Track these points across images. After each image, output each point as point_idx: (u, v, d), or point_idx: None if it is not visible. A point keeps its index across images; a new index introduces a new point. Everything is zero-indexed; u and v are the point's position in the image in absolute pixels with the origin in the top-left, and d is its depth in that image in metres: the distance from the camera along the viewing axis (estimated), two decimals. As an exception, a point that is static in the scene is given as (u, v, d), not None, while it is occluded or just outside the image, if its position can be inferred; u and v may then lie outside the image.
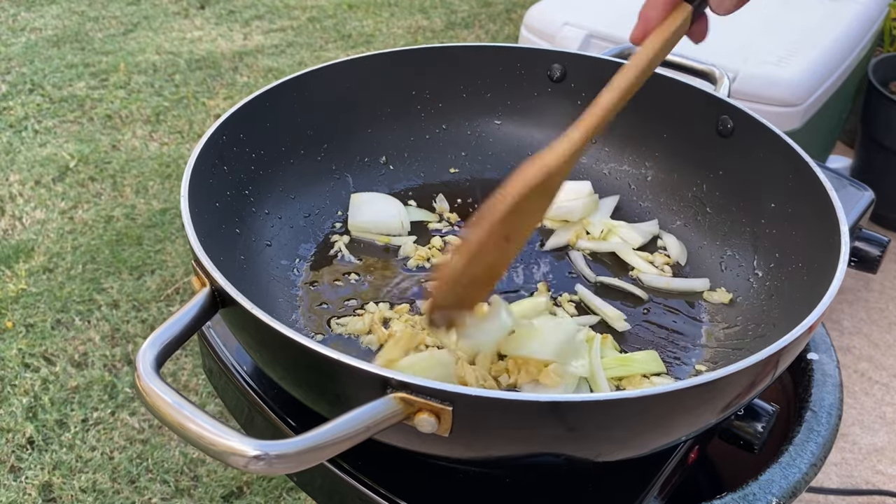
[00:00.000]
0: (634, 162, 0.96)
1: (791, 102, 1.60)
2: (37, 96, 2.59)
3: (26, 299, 1.82)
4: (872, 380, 1.82)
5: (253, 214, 0.82)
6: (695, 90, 0.89)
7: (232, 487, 1.47)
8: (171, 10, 3.19)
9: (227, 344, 0.76)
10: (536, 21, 1.82)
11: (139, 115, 2.52)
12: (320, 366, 0.53)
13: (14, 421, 1.55)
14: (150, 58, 2.83)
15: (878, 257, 0.91)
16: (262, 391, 0.71)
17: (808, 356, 0.86)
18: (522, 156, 0.99)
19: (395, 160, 0.97)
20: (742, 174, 0.85)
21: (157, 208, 2.12)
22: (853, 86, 2.02)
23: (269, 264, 0.81)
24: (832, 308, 0.94)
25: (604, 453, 0.58)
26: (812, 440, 0.77)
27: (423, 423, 0.51)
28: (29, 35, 2.95)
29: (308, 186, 0.90)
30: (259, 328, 0.55)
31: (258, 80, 2.73)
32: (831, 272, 0.64)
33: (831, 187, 0.72)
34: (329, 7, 3.29)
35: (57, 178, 2.22)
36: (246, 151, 0.83)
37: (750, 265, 0.82)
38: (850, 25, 1.84)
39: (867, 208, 0.96)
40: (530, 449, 0.56)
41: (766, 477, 0.73)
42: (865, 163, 2.25)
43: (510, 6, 3.35)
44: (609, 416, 0.53)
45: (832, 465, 1.63)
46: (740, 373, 0.54)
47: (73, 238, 2.01)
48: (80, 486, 1.45)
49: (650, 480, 0.67)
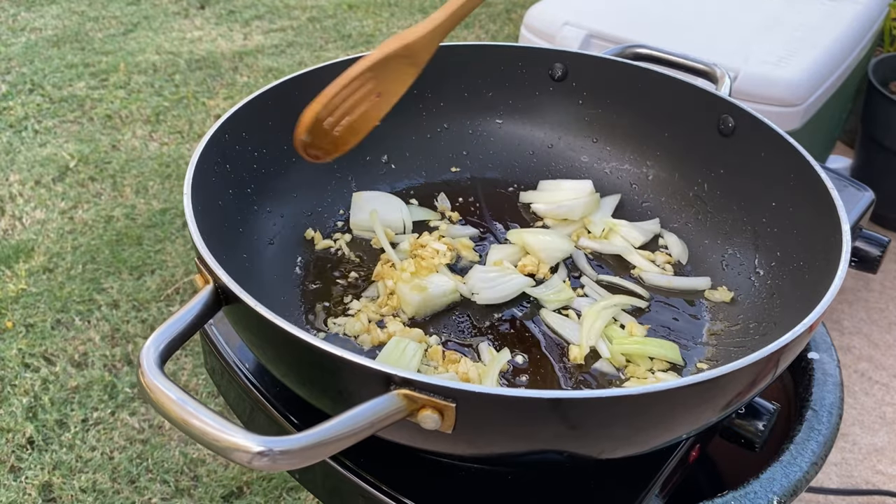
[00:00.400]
0: (636, 161, 0.96)
1: (791, 102, 1.61)
2: (37, 96, 2.59)
3: (26, 299, 1.82)
4: (872, 380, 1.82)
5: (255, 213, 0.83)
6: (696, 89, 0.89)
7: (232, 487, 1.47)
8: (171, 10, 3.19)
9: (230, 342, 0.76)
10: (536, 21, 1.83)
11: (139, 115, 2.52)
12: (323, 363, 0.53)
13: (14, 421, 1.55)
14: (150, 58, 2.84)
15: (879, 257, 0.91)
16: (264, 389, 0.71)
17: (809, 355, 0.86)
18: (524, 154, 0.99)
19: (397, 159, 0.97)
20: (743, 173, 0.85)
21: (157, 208, 2.13)
22: (853, 86, 2.02)
23: (271, 262, 0.81)
24: (832, 308, 0.95)
25: (606, 450, 0.59)
26: (813, 439, 0.78)
27: (427, 420, 0.51)
28: (29, 35, 2.95)
29: (310, 185, 0.90)
30: (262, 325, 0.56)
31: (258, 80, 2.73)
32: (832, 272, 0.64)
33: (833, 187, 0.72)
34: (329, 7, 3.29)
35: (57, 178, 2.22)
36: (248, 150, 0.83)
37: (751, 264, 0.82)
38: (850, 25, 1.84)
39: (867, 208, 0.96)
40: (533, 446, 0.56)
41: (767, 475, 0.73)
42: (865, 163, 2.26)
43: (510, 6, 3.35)
44: (611, 413, 0.54)
45: (832, 465, 1.63)
46: (741, 371, 0.54)
47: (73, 238, 2.01)
48: (80, 486, 1.45)
49: (652, 478, 0.67)
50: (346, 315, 0.78)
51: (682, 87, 0.90)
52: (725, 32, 1.76)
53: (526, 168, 0.99)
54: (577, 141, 0.98)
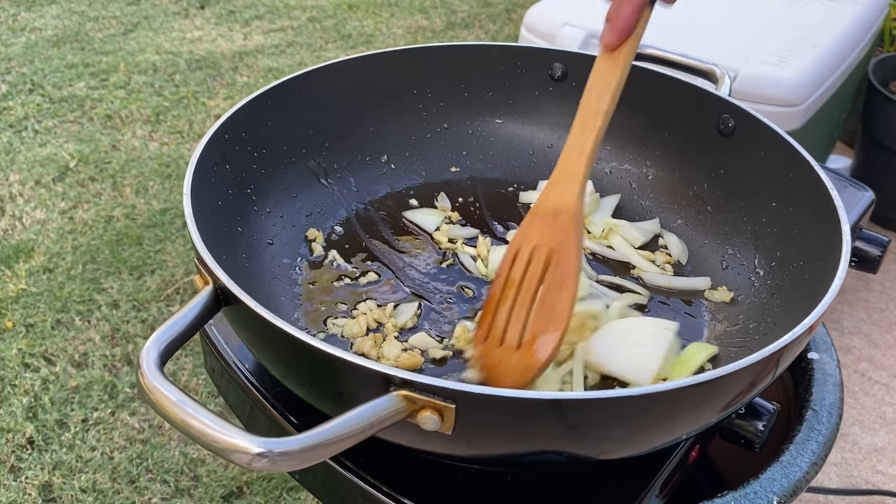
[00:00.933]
0: (635, 161, 0.96)
1: (791, 102, 1.61)
2: (37, 96, 2.59)
3: (26, 299, 1.82)
4: (872, 380, 1.82)
5: (255, 213, 0.83)
6: (696, 89, 0.89)
7: (232, 487, 1.47)
8: (171, 10, 3.19)
9: (230, 342, 0.76)
10: (536, 21, 1.83)
11: (139, 115, 2.52)
12: (323, 364, 0.53)
13: (14, 421, 1.55)
14: (150, 58, 2.83)
15: (879, 257, 0.91)
16: (264, 389, 0.71)
17: (809, 355, 0.86)
18: (524, 154, 0.99)
19: (397, 159, 0.97)
20: (743, 173, 0.85)
21: (157, 208, 2.12)
22: (853, 86, 2.02)
23: (271, 263, 0.81)
24: (832, 308, 0.94)
25: (605, 451, 0.59)
26: (813, 439, 0.78)
27: (426, 421, 0.51)
28: (29, 35, 2.95)
29: (310, 185, 0.90)
30: (262, 326, 0.56)
31: (258, 80, 2.73)
32: (832, 272, 0.64)
33: (832, 187, 0.72)
34: (329, 7, 3.29)
35: (57, 178, 2.22)
36: (248, 150, 0.83)
37: (751, 264, 0.82)
38: (850, 25, 1.84)
39: (867, 208, 0.96)
40: (532, 447, 0.56)
41: (767, 476, 0.73)
42: (865, 163, 2.26)
43: (510, 6, 3.35)
44: (610, 414, 0.54)
45: (832, 465, 1.63)
46: (741, 371, 0.54)
47: (73, 238, 2.01)
48: (80, 486, 1.45)
49: (651, 479, 0.67)
50: (347, 316, 0.78)
51: (682, 87, 0.90)
52: (725, 32, 1.76)
53: (526, 168, 0.99)
54: (576, 141, 0.98)
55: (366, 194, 0.93)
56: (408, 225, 0.91)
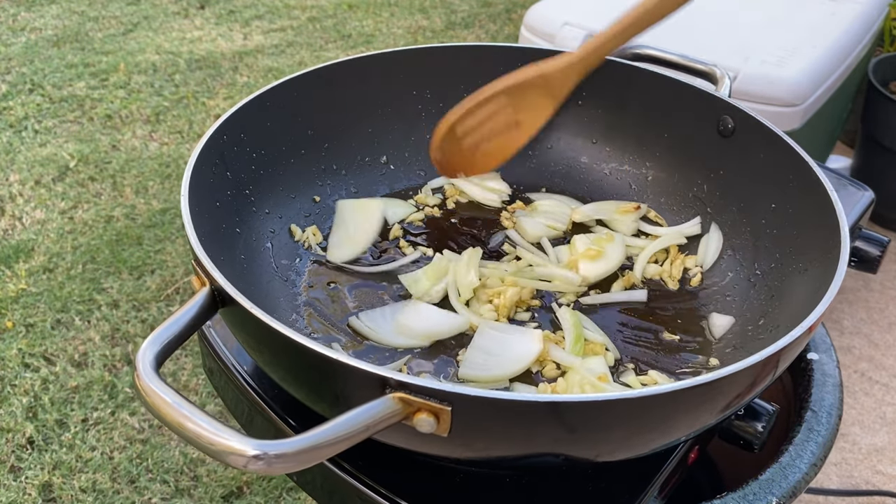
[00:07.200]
0: (635, 162, 0.96)
1: (791, 102, 1.60)
2: (37, 96, 2.59)
3: (26, 299, 1.81)
4: (872, 380, 1.82)
5: (253, 214, 0.82)
6: (695, 90, 0.89)
7: (232, 487, 1.47)
8: (171, 10, 3.19)
9: (227, 344, 0.76)
10: (536, 21, 1.82)
11: (139, 115, 2.52)
12: (319, 366, 0.53)
13: (14, 421, 1.55)
14: (149, 58, 2.83)
15: (878, 257, 0.91)
16: (262, 391, 0.71)
17: (809, 356, 0.86)
18: (522, 155, 0.99)
19: (396, 159, 0.97)
20: (742, 174, 0.85)
21: (157, 208, 2.12)
22: (853, 86, 2.02)
23: (270, 264, 0.81)
24: (832, 308, 0.94)
25: (603, 453, 0.58)
26: (812, 440, 0.77)
27: (422, 423, 0.51)
28: (29, 35, 2.95)
29: (309, 186, 0.90)
30: (259, 328, 0.55)
31: (258, 80, 2.73)
32: (831, 272, 0.64)
33: (832, 187, 0.72)
34: (329, 7, 3.29)
35: (57, 178, 2.22)
36: (246, 151, 0.82)
37: (750, 265, 0.82)
38: (850, 25, 1.83)
39: (867, 208, 0.96)
40: (530, 449, 0.56)
41: (767, 476, 0.73)
42: (865, 163, 2.25)
43: (510, 6, 3.35)
44: (608, 416, 0.53)
45: (832, 466, 1.63)
46: (741, 372, 0.54)
47: (73, 238, 2.01)
48: (80, 486, 1.45)
49: (650, 480, 0.66)
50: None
51: (681, 88, 0.90)
52: (725, 32, 1.76)
53: (526, 168, 0.98)
54: (576, 141, 0.98)
55: (365, 195, 0.93)
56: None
